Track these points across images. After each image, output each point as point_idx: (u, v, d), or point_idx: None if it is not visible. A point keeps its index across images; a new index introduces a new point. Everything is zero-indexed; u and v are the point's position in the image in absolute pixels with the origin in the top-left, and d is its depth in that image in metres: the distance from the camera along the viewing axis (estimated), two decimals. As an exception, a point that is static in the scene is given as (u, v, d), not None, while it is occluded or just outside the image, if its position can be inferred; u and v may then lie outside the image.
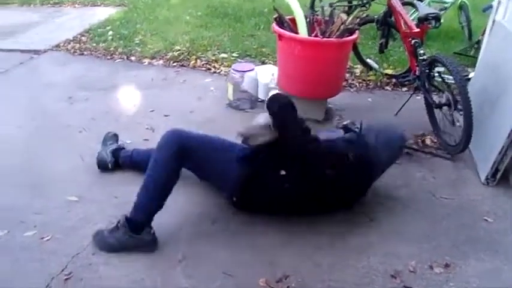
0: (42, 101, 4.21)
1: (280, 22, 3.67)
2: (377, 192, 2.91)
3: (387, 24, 4.39)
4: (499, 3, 3.79)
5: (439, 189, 3.05)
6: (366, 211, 2.77)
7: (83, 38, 5.97)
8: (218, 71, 4.88)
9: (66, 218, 2.68)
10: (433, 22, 3.60)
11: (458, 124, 3.40)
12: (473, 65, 4.50)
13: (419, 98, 3.90)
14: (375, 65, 4.84)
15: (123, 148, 3.17)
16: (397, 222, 2.72)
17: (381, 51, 4.62)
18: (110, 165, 3.05)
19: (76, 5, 8.04)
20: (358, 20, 3.58)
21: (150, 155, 2.54)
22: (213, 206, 2.79)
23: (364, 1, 5.90)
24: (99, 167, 3.08)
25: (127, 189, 2.73)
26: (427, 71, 3.56)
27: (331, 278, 2.30)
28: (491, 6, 4.12)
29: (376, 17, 4.42)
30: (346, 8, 5.30)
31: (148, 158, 2.53)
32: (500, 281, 2.35)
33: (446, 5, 6.05)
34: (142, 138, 3.48)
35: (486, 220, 2.78)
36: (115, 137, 3.28)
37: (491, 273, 2.39)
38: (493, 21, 3.84)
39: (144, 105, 4.13)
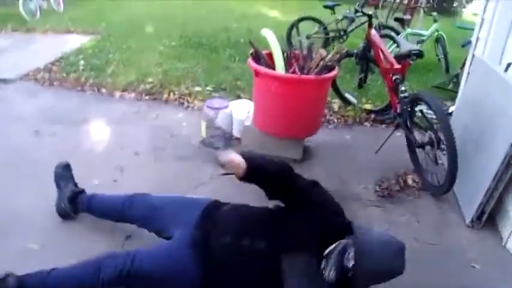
0: (7, 134, 3.98)
1: (257, 57, 3.54)
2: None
3: (366, 58, 4.31)
4: (477, 38, 3.75)
5: (423, 234, 2.93)
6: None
7: (53, 67, 5.75)
8: (191, 105, 4.71)
9: (24, 267, 2.45)
10: (415, 58, 3.52)
11: (441, 162, 3.29)
12: (452, 99, 4.46)
13: (400, 134, 3.79)
14: (354, 100, 4.74)
15: (80, 192, 2.87)
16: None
17: (360, 86, 4.55)
18: (72, 215, 2.82)
19: (48, 32, 7.82)
20: (338, 56, 3.46)
21: (109, 204, 2.51)
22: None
23: (342, 33, 5.90)
24: (60, 216, 2.85)
25: (91, 238, 2.61)
26: (409, 108, 3.47)
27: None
28: (470, 42, 4.08)
29: (355, 51, 4.35)
30: (324, 40, 5.24)
31: (107, 207, 2.47)
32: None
33: (423, 38, 6.06)
34: (111, 179, 3.29)
35: (473, 267, 2.67)
36: (67, 170, 2.95)
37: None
38: (473, 56, 3.78)
39: (114, 141, 3.94)
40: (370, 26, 4.22)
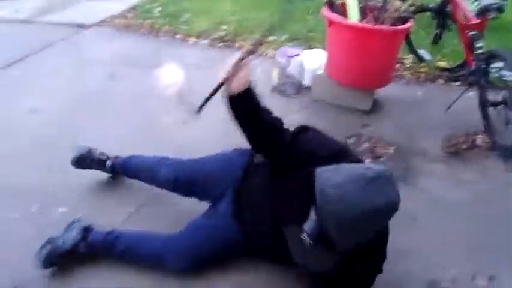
0: (84, 77, 4.18)
1: (331, 6, 3.51)
2: (422, 190, 2.82)
3: (443, 13, 4.18)
4: None
5: (487, 194, 2.88)
6: (409, 210, 2.49)
7: (128, 14, 5.92)
8: (264, 53, 4.73)
9: (99, 195, 2.68)
10: (495, 13, 3.39)
11: (512, 125, 3.20)
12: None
13: (473, 93, 3.68)
14: (427, 57, 4.59)
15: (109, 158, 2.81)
16: (441, 227, 2.58)
17: (435, 42, 4.43)
18: None
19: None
20: (413, 7, 3.39)
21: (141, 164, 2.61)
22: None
23: (419, -14, 5.67)
24: None
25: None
26: (484, 66, 3.36)
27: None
28: None
29: (432, 5, 4.22)
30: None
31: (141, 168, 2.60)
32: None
33: (507, -5, 5.75)
34: (181, 121, 3.42)
35: (538, 230, 2.61)
36: (83, 161, 2.76)
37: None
38: None
39: (186, 85, 4.03)
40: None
